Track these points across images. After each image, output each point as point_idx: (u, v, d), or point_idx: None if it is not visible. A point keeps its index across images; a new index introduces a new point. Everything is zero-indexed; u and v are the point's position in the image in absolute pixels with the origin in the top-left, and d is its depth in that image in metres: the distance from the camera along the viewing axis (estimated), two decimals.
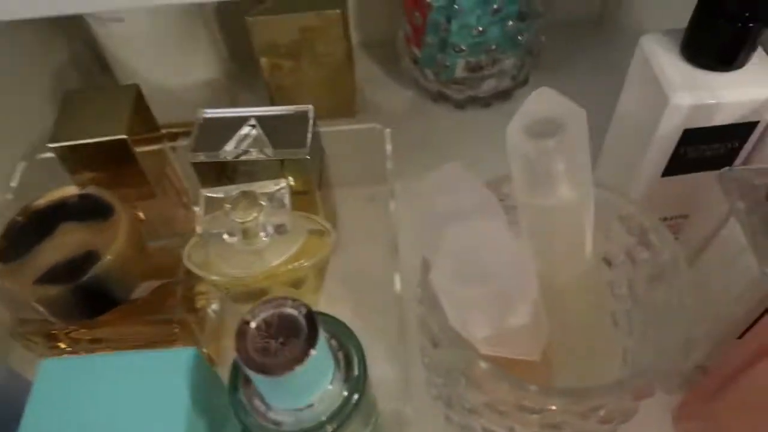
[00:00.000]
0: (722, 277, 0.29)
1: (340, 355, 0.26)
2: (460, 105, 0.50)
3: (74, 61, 0.52)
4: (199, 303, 0.38)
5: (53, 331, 0.34)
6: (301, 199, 0.38)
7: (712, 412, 0.32)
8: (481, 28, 0.43)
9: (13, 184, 0.40)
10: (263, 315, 0.22)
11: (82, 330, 0.34)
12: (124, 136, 0.32)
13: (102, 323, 0.32)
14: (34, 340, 0.33)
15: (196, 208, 0.33)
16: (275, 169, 0.36)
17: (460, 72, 0.47)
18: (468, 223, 0.22)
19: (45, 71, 0.48)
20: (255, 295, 0.34)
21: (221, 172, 0.37)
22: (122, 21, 0.42)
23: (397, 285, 0.35)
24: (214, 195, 0.30)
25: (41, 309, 0.30)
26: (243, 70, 0.53)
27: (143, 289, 0.32)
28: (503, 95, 0.49)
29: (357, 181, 0.46)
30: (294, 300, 0.23)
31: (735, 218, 0.27)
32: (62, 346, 0.36)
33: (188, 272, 0.34)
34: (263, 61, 0.46)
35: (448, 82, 0.47)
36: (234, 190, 0.30)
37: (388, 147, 0.41)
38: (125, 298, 0.31)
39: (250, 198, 0.29)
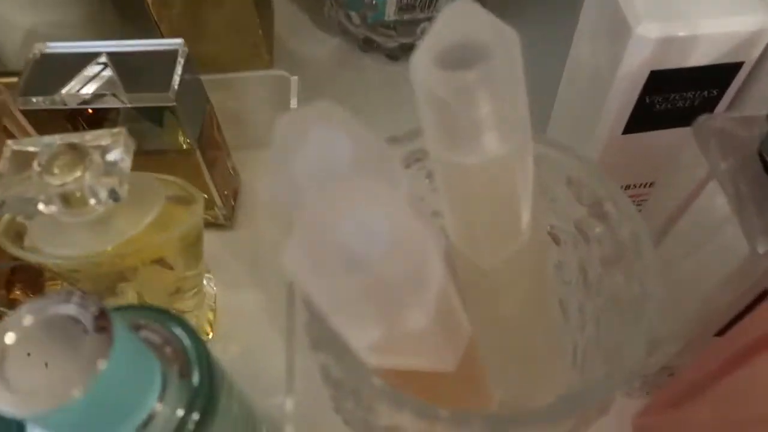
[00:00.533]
0: (698, 258, 0.23)
1: (176, 365, 0.18)
2: (392, 55, 0.42)
3: None
4: (50, 288, 0.30)
5: None
6: (181, 161, 0.30)
7: (679, 422, 0.26)
8: None
9: None
10: (28, 320, 0.15)
11: None
12: None
13: None
14: None
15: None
16: (152, 126, 0.28)
17: (391, 14, 0.39)
18: (338, 183, 0.15)
19: None
20: (110, 283, 0.27)
21: (77, 128, 0.29)
22: None
23: None
24: (25, 148, 0.22)
25: None
26: (133, 8, 0.44)
27: None
28: None
29: (267, 141, 0.39)
30: (83, 295, 0.15)
31: (716, 181, 0.21)
32: None
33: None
34: None
35: (376, 26, 0.40)
36: (57, 140, 0.22)
37: (293, 99, 0.33)
38: None
39: (76, 153, 0.22)
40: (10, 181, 0.22)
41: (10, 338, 0.15)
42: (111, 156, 0.22)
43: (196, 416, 0.18)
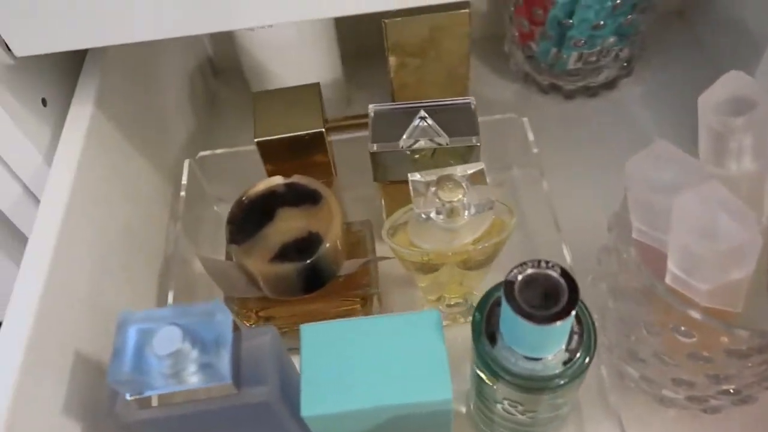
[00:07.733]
0: None
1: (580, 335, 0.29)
2: (569, 95, 0.53)
3: (199, 71, 0.55)
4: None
5: (243, 310, 0.37)
6: None
7: None
8: (601, 22, 0.46)
9: (183, 181, 0.43)
10: (529, 273, 0.26)
11: (270, 309, 0.38)
12: (322, 129, 0.36)
13: (307, 300, 0.35)
14: None
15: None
16: (442, 157, 0.39)
17: (572, 64, 0.50)
18: (695, 189, 0.26)
19: (184, 81, 0.52)
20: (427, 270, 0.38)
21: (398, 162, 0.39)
22: (270, 26, 0.45)
23: (567, 257, 0.38)
24: (417, 179, 0.33)
25: (265, 286, 0.34)
26: (355, 71, 0.56)
27: (347, 267, 0.35)
28: (610, 85, 0.52)
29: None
30: (550, 262, 0.26)
31: None
32: (247, 324, 0.39)
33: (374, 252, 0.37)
34: (392, 60, 0.49)
35: (561, 73, 0.51)
36: (434, 174, 0.33)
37: (530, 134, 0.44)
38: (335, 275, 0.35)
39: (453, 180, 0.33)
40: (416, 201, 0.33)
41: (519, 280, 0.25)
42: (475, 182, 0.33)
43: (587, 360, 0.28)
